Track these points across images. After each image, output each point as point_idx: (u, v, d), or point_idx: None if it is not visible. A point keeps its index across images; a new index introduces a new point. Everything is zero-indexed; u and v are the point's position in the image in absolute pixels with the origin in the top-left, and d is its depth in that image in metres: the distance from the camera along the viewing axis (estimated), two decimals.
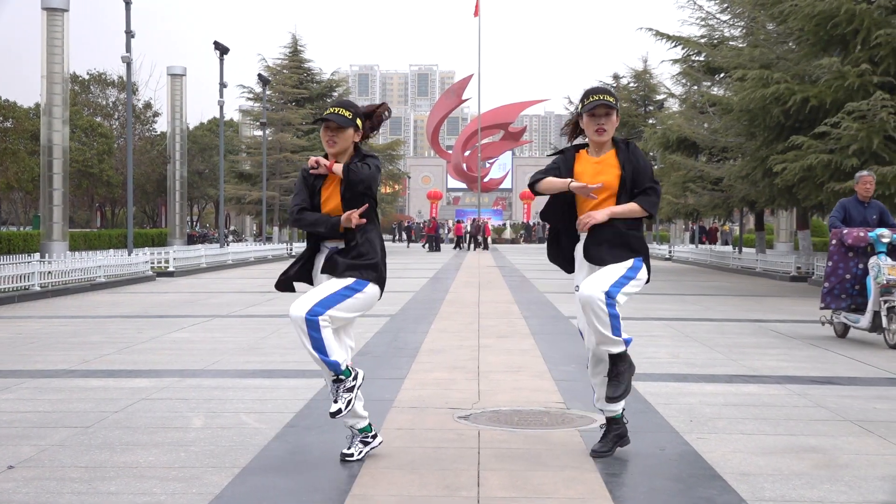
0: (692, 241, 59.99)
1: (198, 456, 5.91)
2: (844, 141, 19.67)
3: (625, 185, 5.80)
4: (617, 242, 5.78)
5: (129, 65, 30.62)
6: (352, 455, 5.75)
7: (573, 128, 6.09)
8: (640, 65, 60.62)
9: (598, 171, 5.85)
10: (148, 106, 61.82)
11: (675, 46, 33.86)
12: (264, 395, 8.07)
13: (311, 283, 5.96)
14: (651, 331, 13.27)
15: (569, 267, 6.09)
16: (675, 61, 35.28)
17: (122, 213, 67.57)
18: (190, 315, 15.45)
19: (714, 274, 32.39)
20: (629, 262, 5.79)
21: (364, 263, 5.69)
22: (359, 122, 5.76)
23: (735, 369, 9.72)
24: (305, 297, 5.66)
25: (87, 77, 61.73)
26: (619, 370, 5.89)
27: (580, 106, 5.91)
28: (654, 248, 51.41)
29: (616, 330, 5.74)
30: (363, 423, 5.84)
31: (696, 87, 34.84)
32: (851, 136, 19.44)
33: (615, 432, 5.98)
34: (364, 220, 5.66)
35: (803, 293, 22.43)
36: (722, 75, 31.69)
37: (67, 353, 10.79)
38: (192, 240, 56.43)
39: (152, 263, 28.61)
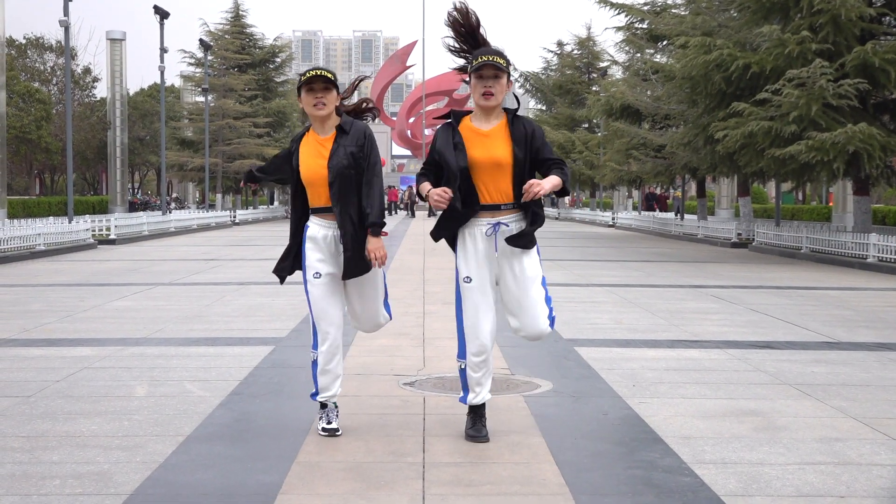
0: (635, 207, 60.45)
1: (141, 424, 5.87)
2: (785, 108, 19.88)
3: (518, 160, 5.30)
4: (530, 224, 5.41)
5: (66, 29, 30.03)
6: (338, 430, 5.63)
7: None
8: (584, 32, 60.94)
9: (487, 145, 5.32)
10: (87, 71, 60.78)
11: (619, 14, 33.96)
12: (208, 363, 8.03)
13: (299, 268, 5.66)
14: (594, 297, 13.38)
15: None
16: (619, 29, 35.40)
17: (62, 180, 66.58)
18: (132, 283, 15.29)
19: (656, 240, 32.69)
20: (539, 270, 5.46)
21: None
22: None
23: (677, 334, 9.84)
24: (371, 304, 5.66)
25: (23, 41, 60.48)
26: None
27: (469, 68, 5.34)
28: (598, 214, 51.74)
29: None
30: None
31: (639, 55, 35.04)
32: (791, 103, 19.65)
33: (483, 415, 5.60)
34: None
35: (744, 259, 22.73)
36: (664, 43, 31.91)
37: (7, 322, 10.64)
38: (133, 207, 55.80)
39: (93, 231, 28.26)
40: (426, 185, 5.43)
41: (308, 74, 5.46)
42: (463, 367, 5.53)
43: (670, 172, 34.49)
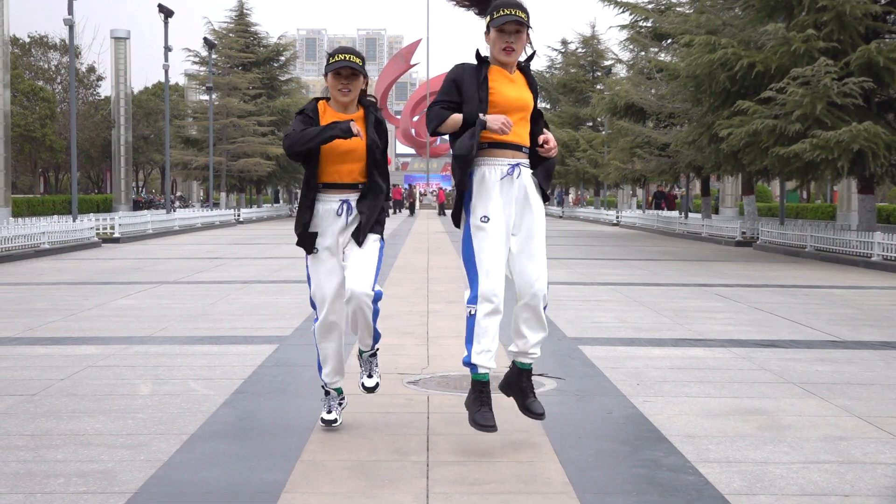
0: (639, 206, 60.41)
1: (145, 423, 5.88)
2: (789, 106, 19.86)
3: (533, 109, 5.44)
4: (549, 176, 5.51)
5: (71, 27, 30.03)
6: (336, 420, 5.75)
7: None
8: (588, 30, 60.91)
9: (515, 89, 5.36)
10: (91, 70, 60.85)
11: (623, 12, 33.96)
12: (212, 361, 8.03)
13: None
14: (599, 296, 13.37)
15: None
16: (623, 27, 35.41)
17: (66, 178, 66.61)
18: (136, 282, 15.31)
19: (660, 239, 32.67)
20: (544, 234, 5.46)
21: (381, 219, 5.61)
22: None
23: (681, 333, 9.83)
24: (360, 273, 5.39)
25: (27, 40, 60.55)
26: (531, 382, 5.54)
27: (488, 19, 5.30)
28: (602, 213, 51.70)
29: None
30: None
31: (643, 53, 35.01)
32: (796, 101, 19.63)
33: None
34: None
35: (748, 258, 22.71)
36: (669, 41, 31.88)
37: (11, 320, 10.65)
38: (137, 206, 55.81)
39: (97, 230, 28.30)
40: (457, 116, 5.28)
41: (336, 59, 5.50)
42: (472, 312, 5.44)
43: (674, 171, 34.45)
